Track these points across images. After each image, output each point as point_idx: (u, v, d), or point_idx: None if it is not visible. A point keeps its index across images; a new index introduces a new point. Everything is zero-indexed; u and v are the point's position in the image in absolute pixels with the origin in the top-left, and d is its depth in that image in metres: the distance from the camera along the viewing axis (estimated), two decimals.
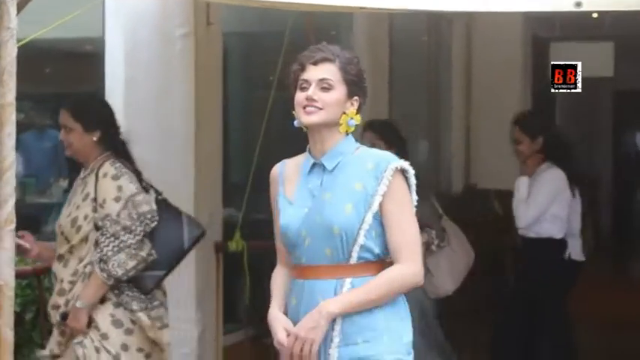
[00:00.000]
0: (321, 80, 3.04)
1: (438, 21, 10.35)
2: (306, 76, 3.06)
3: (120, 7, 5.34)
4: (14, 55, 3.06)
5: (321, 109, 3.01)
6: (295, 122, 3.10)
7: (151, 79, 5.39)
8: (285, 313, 3.13)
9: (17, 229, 3.20)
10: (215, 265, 5.67)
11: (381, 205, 3.00)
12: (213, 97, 5.66)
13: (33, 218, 5.82)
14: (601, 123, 16.35)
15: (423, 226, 4.29)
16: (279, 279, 3.22)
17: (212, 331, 5.62)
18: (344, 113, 3.05)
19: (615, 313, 9.22)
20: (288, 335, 3.00)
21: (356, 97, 3.09)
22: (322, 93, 3.03)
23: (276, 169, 3.21)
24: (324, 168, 3.07)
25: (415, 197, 3.07)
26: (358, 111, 3.11)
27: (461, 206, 9.83)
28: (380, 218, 3.01)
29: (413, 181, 3.06)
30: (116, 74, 5.44)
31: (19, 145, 6.90)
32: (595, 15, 9.02)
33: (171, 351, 5.33)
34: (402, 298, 3.09)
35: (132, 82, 5.39)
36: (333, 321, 2.97)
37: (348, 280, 3.01)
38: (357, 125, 3.11)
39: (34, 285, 4.68)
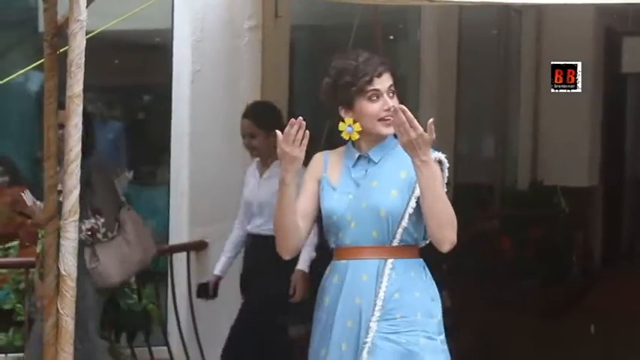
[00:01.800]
0: (389, 88, 3.23)
1: (507, 15, 10.22)
2: (376, 85, 3.22)
3: (188, 0, 5.32)
4: (83, 47, 2.99)
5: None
6: (348, 129, 3.23)
7: (217, 72, 5.39)
8: (322, 293, 3.31)
9: None
10: None
11: None
12: (280, 89, 5.66)
13: None
14: None
15: (94, 213, 4.23)
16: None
17: None
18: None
19: None
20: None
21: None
22: (391, 100, 3.21)
23: (321, 155, 3.37)
24: (368, 160, 3.27)
25: (445, 188, 3.24)
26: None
27: (527, 201, 9.75)
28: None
29: (446, 173, 3.27)
30: (183, 66, 5.45)
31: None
32: None
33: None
34: (431, 280, 3.30)
35: (199, 74, 5.40)
36: (376, 296, 3.17)
37: (390, 261, 3.21)
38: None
39: None
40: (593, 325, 8.89)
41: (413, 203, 3.19)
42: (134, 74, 6.88)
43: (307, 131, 3.09)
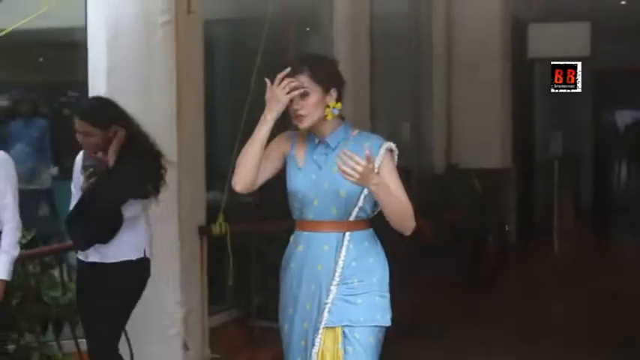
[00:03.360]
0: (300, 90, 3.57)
1: (418, 7, 10.32)
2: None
3: None
4: None
5: (306, 115, 3.56)
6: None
7: (132, 67, 5.33)
8: (289, 260, 3.72)
9: None
10: (199, 248, 5.65)
11: (378, 174, 3.51)
12: (195, 83, 5.62)
13: (22, 205, 5.79)
14: (581, 102, 16.34)
15: None
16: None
17: (198, 313, 5.62)
18: (327, 106, 3.59)
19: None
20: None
21: (333, 89, 3.62)
22: (302, 101, 3.55)
23: (289, 135, 3.73)
24: (326, 145, 3.64)
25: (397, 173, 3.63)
26: (339, 97, 3.63)
27: (443, 185, 9.87)
28: None
29: (396, 157, 3.65)
30: (99, 63, 5.38)
31: (7, 133, 6.84)
32: None
33: (158, 332, 5.36)
34: (380, 246, 3.69)
35: (114, 70, 5.33)
36: (336, 263, 3.59)
37: (347, 233, 3.63)
38: (340, 110, 3.62)
39: (19, 271, 4.66)
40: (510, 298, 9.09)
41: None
42: (52, 71, 6.81)
43: (293, 84, 3.50)
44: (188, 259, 5.52)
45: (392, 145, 3.64)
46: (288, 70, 3.51)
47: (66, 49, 6.32)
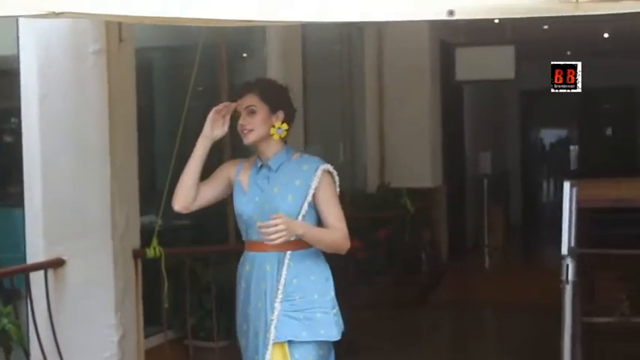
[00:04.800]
0: (247, 107, 3.82)
1: (349, 31, 10.38)
2: (238, 106, 3.86)
3: (33, 25, 5.22)
4: None
5: (251, 130, 3.79)
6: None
7: (64, 95, 5.30)
8: (240, 278, 3.92)
9: None
10: (133, 270, 5.60)
11: (315, 196, 3.76)
12: (127, 109, 5.58)
13: None
14: (508, 122, 16.59)
15: None
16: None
17: (133, 335, 5.55)
18: (272, 126, 3.79)
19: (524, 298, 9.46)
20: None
21: (280, 111, 3.84)
22: (250, 117, 3.80)
23: (236, 162, 3.99)
24: (269, 168, 3.83)
25: (338, 190, 3.84)
26: (286, 120, 3.85)
27: (375, 203, 9.90)
28: (313, 206, 3.78)
29: (337, 178, 3.85)
30: (31, 91, 5.33)
31: None
32: (496, 21, 9.15)
33: (93, 355, 5.30)
34: (325, 263, 3.85)
35: (46, 98, 5.30)
36: (278, 282, 3.74)
37: (288, 252, 3.77)
38: (285, 131, 3.83)
39: None
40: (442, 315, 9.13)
41: (305, 207, 3.76)
42: None
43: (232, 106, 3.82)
44: (122, 283, 5.47)
45: (329, 167, 3.82)
46: (229, 104, 3.80)
47: (1, 76, 6.23)
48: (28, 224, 5.40)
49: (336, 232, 3.78)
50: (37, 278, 5.26)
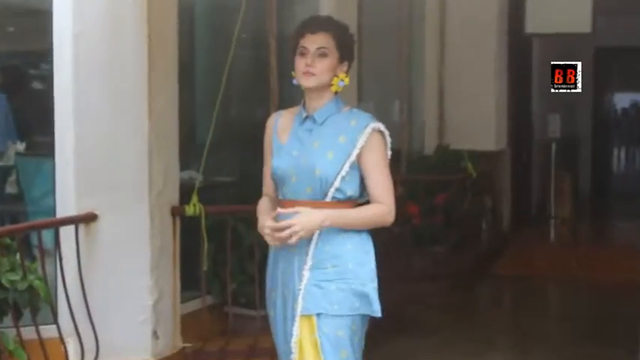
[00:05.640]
0: (319, 48, 3.64)
1: None
2: (305, 43, 3.65)
3: None
4: None
5: (315, 74, 3.63)
6: (294, 81, 3.70)
7: (100, 34, 5.25)
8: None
9: None
10: (171, 229, 5.57)
11: (361, 157, 3.62)
12: (168, 51, 5.53)
13: None
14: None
15: None
16: (263, 203, 3.83)
17: (168, 299, 5.54)
18: (335, 76, 3.66)
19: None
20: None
21: (346, 62, 3.72)
22: (319, 60, 3.63)
23: (272, 118, 3.86)
24: (314, 120, 3.68)
25: (389, 153, 3.68)
26: (347, 72, 3.73)
27: (433, 166, 9.79)
28: (357, 167, 3.63)
29: (389, 140, 3.68)
30: (64, 30, 5.28)
31: None
32: None
33: (126, 319, 5.29)
34: (367, 233, 3.69)
35: (80, 37, 5.24)
36: (308, 247, 3.60)
37: None
38: (345, 85, 3.71)
39: None
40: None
41: (347, 167, 3.61)
42: (15, 40, 6.67)
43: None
44: (159, 242, 5.45)
45: (380, 125, 3.66)
46: (285, 224, 3.53)
47: (30, 16, 6.18)
48: (58, 175, 5.38)
49: (378, 208, 3.64)
50: (67, 234, 5.24)
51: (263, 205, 3.82)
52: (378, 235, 3.79)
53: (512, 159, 11.58)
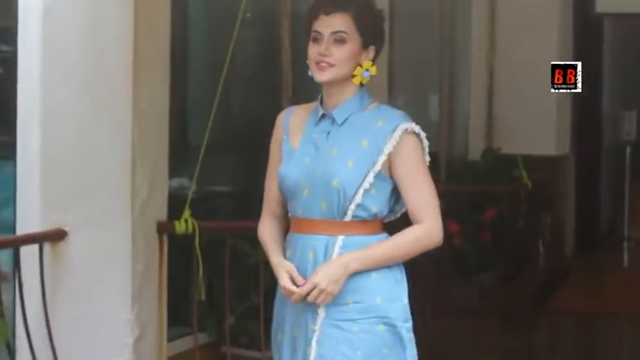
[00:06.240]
0: (335, 33, 3.58)
1: None
2: (318, 27, 3.60)
3: None
4: None
5: (333, 65, 3.57)
6: (309, 72, 3.64)
7: (75, 11, 5.27)
8: None
9: None
10: (158, 250, 5.56)
11: (393, 166, 3.56)
12: (157, 33, 5.52)
13: None
14: None
15: None
16: (268, 228, 3.78)
17: (152, 336, 5.52)
18: (359, 65, 3.60)
19: None
20: (293, 282, 3.57)
21: (372, 47, 3.64)
22: (335, 47, 3.57)
23: (283, 115, 3.80)
24: (333, 120, 3.63)
25: (428, 158, 3.64)
26: (374, 59, 3.66)
27: (479, 174, 9.80)
28: (387, 178, 3.58)
29: (426, 142, 3.62)
30: (32, 3, 5.30)
31: None
32: None
33: None
34: (399, 264, 3.63)
35: (51, 13, 5.27)
36: None
37: (340, 238, 3.57)
38: (372, 75, 3.64)
39: None
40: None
41: (370, 178, 3.54)
42: None
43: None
44: (142, 265, 5.42)
45: (414, 126, 3.60)
46: (308, 288, 3.52)
47: None
48: (20, 182, 5.39)
49: (417, 231, 3.58)
50: (29, 254, 5.22)
51: (267, 235, 3.77)
52: (411, 259, 3.74)
53: (577, 166, 11.62)
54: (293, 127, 3.73)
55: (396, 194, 3.62)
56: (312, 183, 3.59)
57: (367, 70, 3.62)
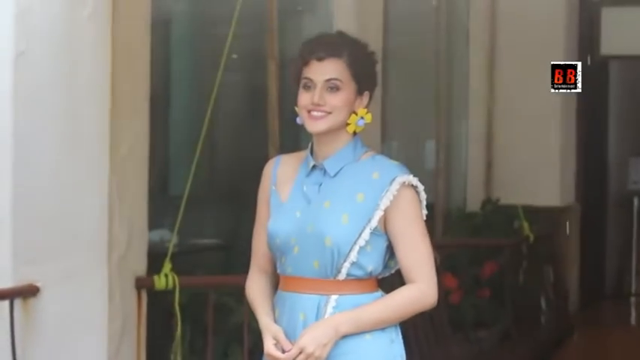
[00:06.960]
0: (328, 80, 3.56)
1: None
2: (310, 74, 3.57)
3: None
4: None
5: (329, 113, 3.55)
6: (298, 119, 3.62)
7: (50, 54, 5.27)
8: None
9: None
10: (136, 307, 5.59)
11: (388, 221, 3.54)
12: (136, 77, 5.60)
13: None
14: None
15: None
16: (256, 285, 3.74)
17: None
18: (353, 112, 3.58)
19: None
20: (276, 344, 3.53)
21: (367, 92, 3.64)
22: (329, 95, 3.55)
23: (270, 165, 3.76)
24: (324, 172, 3.61)
25: (425, 212, 3.62)
26: (368, 105, 3.64)
27: (478, 226, 9.81)
28: (381, 234, 3.55)
29: (423, 195, 3.61)
30: (3, 48, 5.30)
31: None
32: None
33: None
34: (395, 325, 3.60)
35: (24, 57, 5.25)
36: None
37: (333, 298, 3.54)
38: (367, 123, 3.63)
39: None
40: None
41: (366, 235, 3.52)
42: None
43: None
44: (119, 323, 5.45)
45: (411, 178, 3.58)
46: (294, 353, 3.47)
47: None
48: None
49: (410, 291, 3.55)
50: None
51: (256, 292, 3.72)
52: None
53: (582, 218, 11.61)
54: (281, 177, 3.70)
55: (390, 250, 3.59)
56: (303, 240, 3.55)
57: (362, 117, 3.60)
